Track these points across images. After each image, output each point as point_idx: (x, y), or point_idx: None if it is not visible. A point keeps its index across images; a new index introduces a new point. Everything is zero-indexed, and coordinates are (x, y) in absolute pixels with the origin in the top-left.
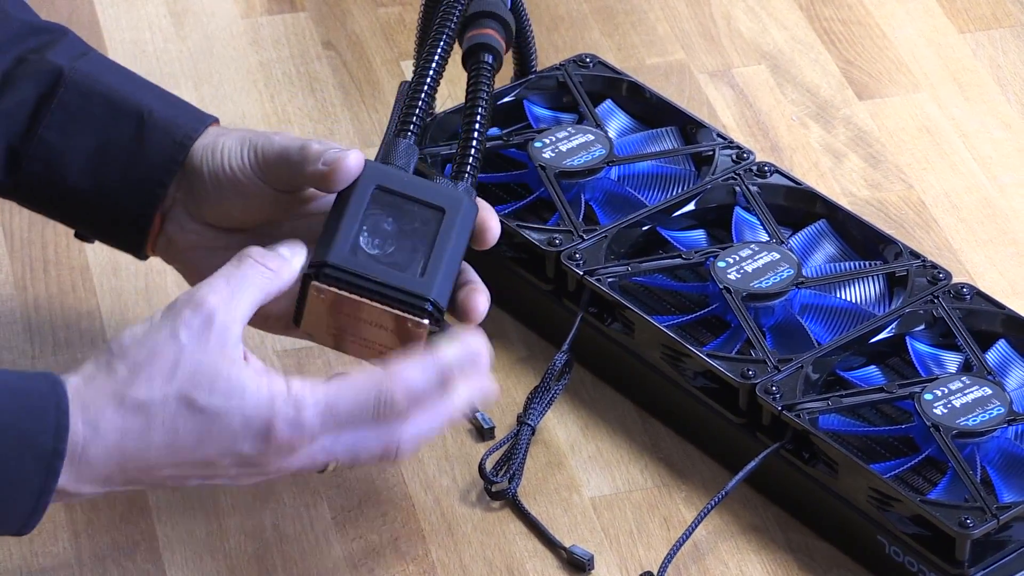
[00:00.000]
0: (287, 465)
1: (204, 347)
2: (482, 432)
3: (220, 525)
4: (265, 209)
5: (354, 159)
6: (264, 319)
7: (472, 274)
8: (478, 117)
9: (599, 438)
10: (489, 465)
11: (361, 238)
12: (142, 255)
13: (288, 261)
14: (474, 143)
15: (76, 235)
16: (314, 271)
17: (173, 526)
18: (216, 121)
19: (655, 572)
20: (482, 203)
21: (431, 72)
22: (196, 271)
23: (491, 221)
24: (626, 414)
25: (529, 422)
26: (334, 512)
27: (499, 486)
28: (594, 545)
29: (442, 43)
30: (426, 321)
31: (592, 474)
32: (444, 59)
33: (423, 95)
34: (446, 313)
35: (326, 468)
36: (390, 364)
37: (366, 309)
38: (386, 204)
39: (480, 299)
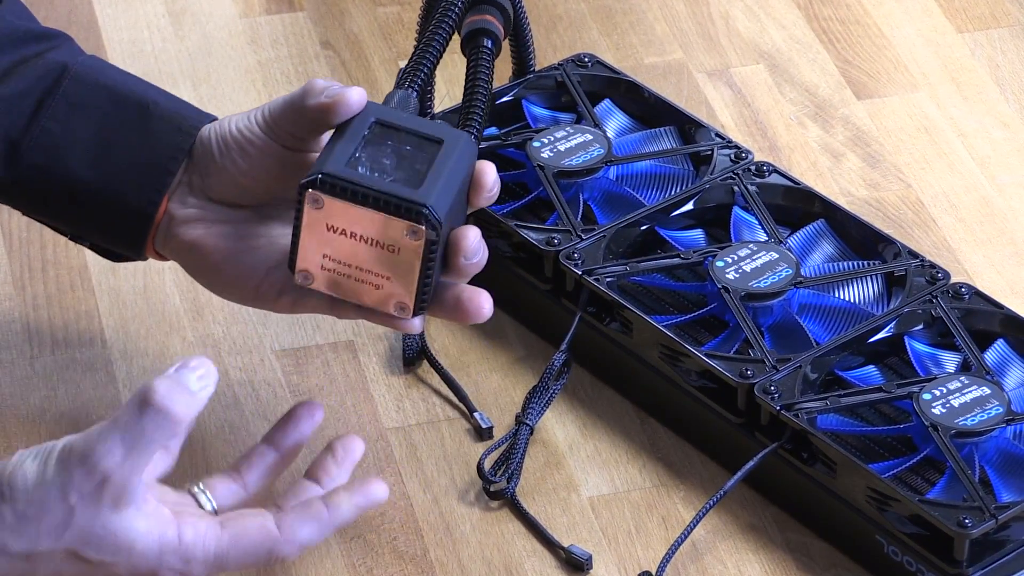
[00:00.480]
0: None
1: (95, 509)
2: (480, 432)
3: None
4: (270, 173)
5: (356, 93)
6: (255, 290)
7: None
8: (481, 80)
9: (597, 438)
10: (487, 465)
11: (359, 165)
12: (141, 253)
13: (195, 395)
14: (480, 99)
15: (72, 238)
16: (308, 181)
17: None
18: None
19: (653, 572)
20: (485, 163)
21: (439, 37)
22: (193, 253)
23: (487, 165)
24: (624, 414)
25: (527, 422)
26: None
27: (497, 486)
28: (592, 545)
29: (449, 17)
30: (423, 227)
31: (590, 474)
32: (450, 32)
33: (430, 55)
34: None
35: None
36: (285, 520)
37: (361, 219)
38: (384, 135)
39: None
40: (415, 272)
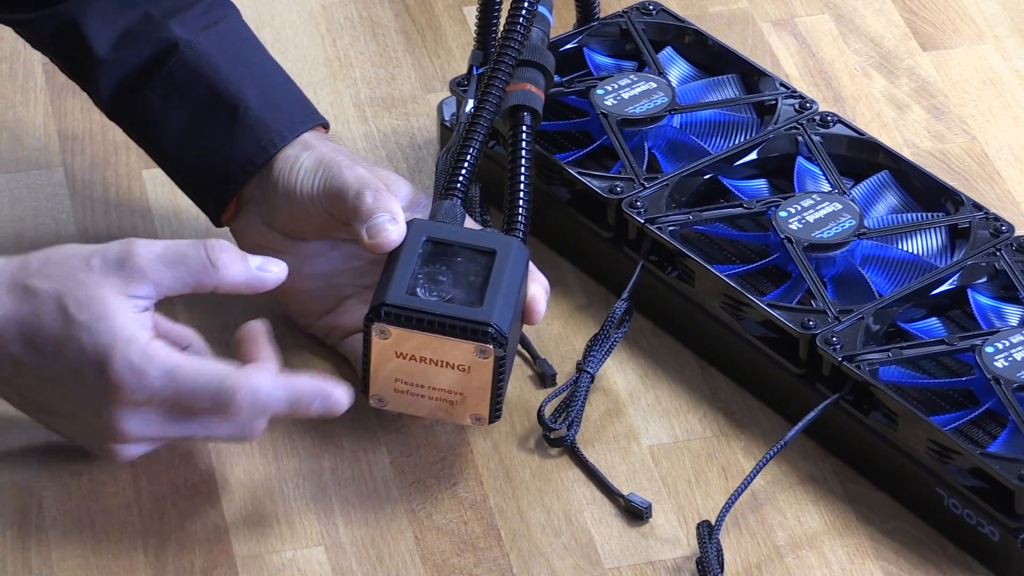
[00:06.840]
0: (121, 419)
1: (103, 277)
2: (544, 379)
3: (278, 468)
4: (328, 229)
5: (396, 235)
6: (308, 326)
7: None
8: (522, 173)
9: (658, 387)
10: (548, 412)
11: (418, 288)
12: (218, 224)
13: (249, 270)
14: (522, 195)
15: None
16: (373, 313)
17: (231, 468)
18: (318, 125)
19: (713, 521)
20: (538, 277)
21: (477, 137)
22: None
23: (539, 293)
24: (685, 363)
25: (588, 369)
26: (392, 457)
27: (558, 433)
28: (652, 494)
29: (488, 108)
30: (490, 345)
31: (651, 422)
32: (490, 121)
33: (467, 160)
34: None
35: None
36: (245, 366)
37: (428, 345)
38: (438, 253)
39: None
40: (488, 388)
